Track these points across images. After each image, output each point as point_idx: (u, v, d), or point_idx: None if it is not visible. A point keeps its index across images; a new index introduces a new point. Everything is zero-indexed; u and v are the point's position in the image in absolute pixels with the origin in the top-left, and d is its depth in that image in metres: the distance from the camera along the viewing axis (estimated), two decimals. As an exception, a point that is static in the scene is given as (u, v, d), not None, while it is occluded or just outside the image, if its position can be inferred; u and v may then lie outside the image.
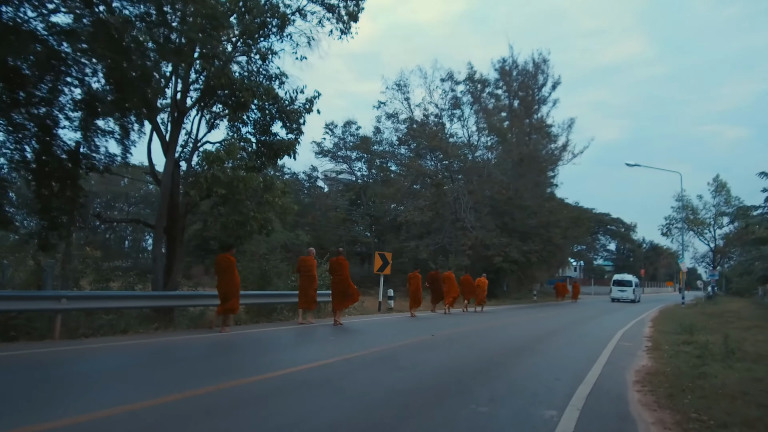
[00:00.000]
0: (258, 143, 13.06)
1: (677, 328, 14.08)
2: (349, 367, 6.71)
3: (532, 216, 29.29)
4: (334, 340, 9.76)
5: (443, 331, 11.86)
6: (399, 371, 6.48)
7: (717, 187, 44.49)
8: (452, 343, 9.59)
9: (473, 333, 11.75)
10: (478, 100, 27.88)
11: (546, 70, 39.96)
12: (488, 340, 10.33)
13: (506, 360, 7.73)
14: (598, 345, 10.35)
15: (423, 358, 7.57)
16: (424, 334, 10.56)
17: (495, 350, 8.79)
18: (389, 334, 11.07)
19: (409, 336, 10.33)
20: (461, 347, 8.96)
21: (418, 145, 28.81)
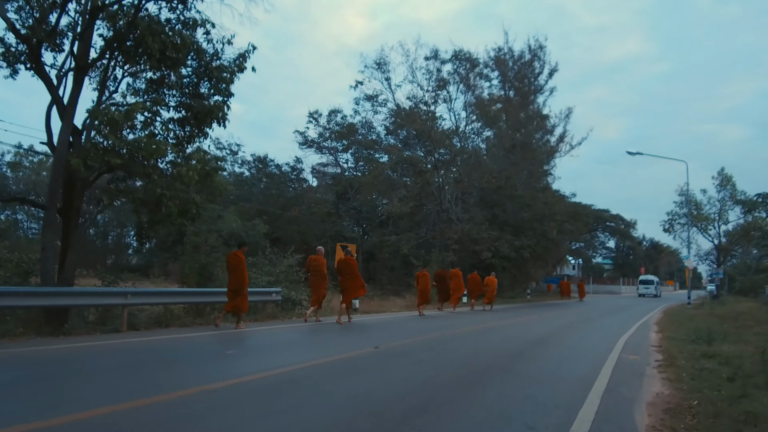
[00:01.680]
0: (178, 107, 10.63)
1: (690, 335, 11.74)
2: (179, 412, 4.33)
3: (526, 208, 26.89)
4: (233, 354, 7.37)
5: (406, 338, 9.48)
6: (273, 417, 4.09)
7: (722, 181, 42.11)
8: (397, 358, 7.20)
9: (438, 342, 9.38)
10: (466, 80, 25.34)
11: (542, 57, 37.83)
12: (450, 354, 7.94)
13: (457, 392, 5.32)
14: (596, 359, 7.99)
15: (329, 390, 5.18)
16: (371, 345, 8.16)
17: (450, 372, 6.39)
18: (328, 345, 8.70)
19: (347, 348, 7.94)
20: (405, 367, 6.57)
21: (407, 134, 26.40)
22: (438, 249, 23.75)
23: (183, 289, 12.06)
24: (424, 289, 16.97)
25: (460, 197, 24.88)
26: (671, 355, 8.68)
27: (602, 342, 10.55)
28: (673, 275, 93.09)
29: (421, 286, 17.06)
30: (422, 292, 16.94)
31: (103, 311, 10.11)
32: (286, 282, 15.53)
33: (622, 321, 17.44)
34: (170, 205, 10.00)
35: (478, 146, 26.62)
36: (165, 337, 8.54)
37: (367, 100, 25.19)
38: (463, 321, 14.67)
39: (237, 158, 46.05)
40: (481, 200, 26.52)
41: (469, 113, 25.60)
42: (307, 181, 46.75)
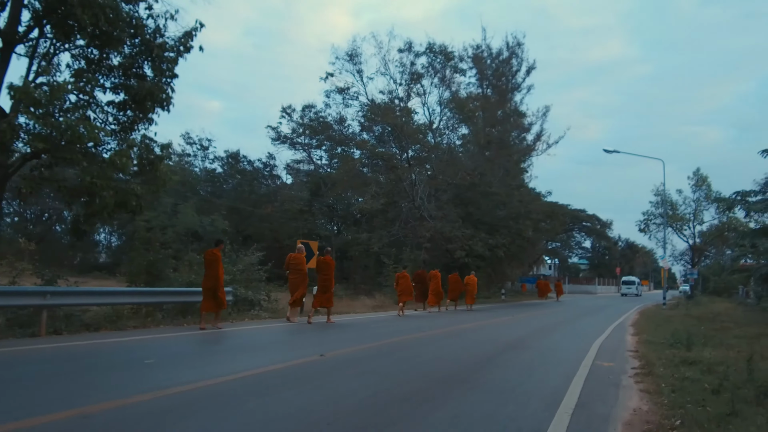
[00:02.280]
0: (116, 88, 9.62)
1: (668, 338, 11.12)
2: None
3: (501, 207, 26.25)
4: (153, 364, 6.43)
5: (365, 343, 8.65)
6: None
7: (698, 181, 42.14)
8: (345, 368, 6.35)
9: (399, 347, 8.57)
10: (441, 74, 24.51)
11: (520, 54, 37.32)
12: (409, 362, 7.11)
13: (404, 412, 4.49)
14: (568, 367, 7.26)
15: (240, 414, 4.30)
16: (321, 351, 7.29)
17: (403, 385, 5.56)
18: (271, 351, 7.82)
19: (290, 356, 7.07)
20: (350, 379, 5.73)
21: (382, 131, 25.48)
22: (410, 248, 22.96)
23: (113, 289, 10.99)
24: (404, 290, 16.83)
25: (434, 194, 24.10)
26: (649, 362, 8.00)
27: (576, 346, 9.85)
28: (648, 275, 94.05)
29: (401, 287, 16.90)
30: (402, 293, 16.77)
31: (32, 313, 9.06)
32: (245, 281, 14.61)
33: (598, 322, 16.87)
34: (105, 195, 8.98)
35: (453, 143, 25.90)
36: (85, 342, 7.55)
37: (338, 92, 24.30)
38: (436, 322, 13.89)
39: (208, 153, 44.78)
40: (455, 197, 25.79)
41: (444, 108, 24.89)
42: (280, 178, 45.64)
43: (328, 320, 12.33)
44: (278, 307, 14.69)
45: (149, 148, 10.24)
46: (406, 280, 17.19)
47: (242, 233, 38.40)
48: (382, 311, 17.56)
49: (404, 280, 17.13)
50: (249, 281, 14.83)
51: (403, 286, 16.96)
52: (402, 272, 17.63)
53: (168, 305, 11.84)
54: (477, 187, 24.48)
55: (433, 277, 18.92)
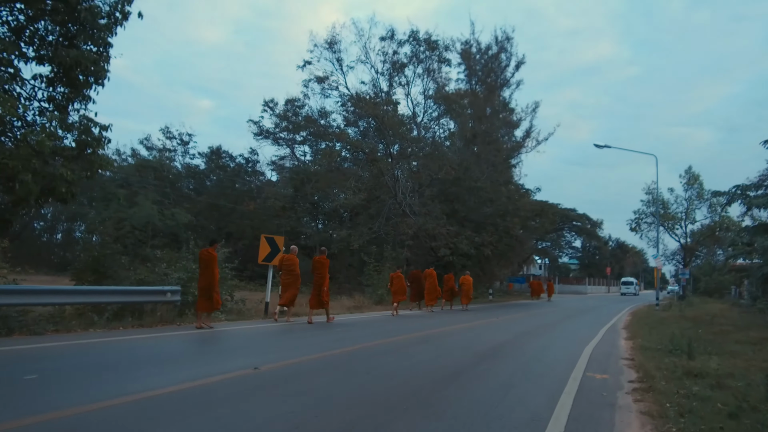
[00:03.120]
0: (41, 59, 8.39)
1: (665, 343, 10.08)
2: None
3: (488, 203, 25.14)
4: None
5: (317, 352, 7.48)
6: None
7: (689, 180, 41.37)
8: (277, 386, 5.20)
9: (359, 356, 7.44)
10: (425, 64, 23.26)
11: (509, 49, 36.34)
12: (361, 376, 5.95)
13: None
14: (555, 380, 6.17)
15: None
16: (255, 363, 6.12)
17: (341, 411, 4.41)
18: (199, 363, 6.63)
19: (218, 369, 5.90)
20: (277, 402, 4.57)
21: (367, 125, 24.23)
22: (391, 245, 21.78)
23: (33, 287, 9.71)
24: (398, 289, 16.86)
25: (417, 190, 22.93)
26: (648, 373, 6.91)
27: (564, 353, 8.76)
28: (638, 275, 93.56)
29: (395, 287, 16.92)
30: (396, 293, 16.78)
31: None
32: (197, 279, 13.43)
33: (588, 324, 15.82)
34: (25, 179, 7.76)
35: (438, 136, 24.65)
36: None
37: (317, 82, 23.03)
38: (416, 325, 12.76)
39: (189, 149, 43.42)
40: (440, 193, 24.66)
41: (428, 100, 23.68)
42: (264, 175, 44.34)
43: (328, 319, 12.36)
44: (243, 308, 13.52)
45: (88, 129, 9.00)
46: (400, 280, 17.13)
47: (224, 230, 37.19)
48: (358, 312, 16.42)
49: (398, 279, 17.07)
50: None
51: (397, 286, 16.92)
52: (396, 272, 17.50)
53: (115, 306, 10.61)
54: (462, 182, 23.32)
55: (428, 276, 18.89)
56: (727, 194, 16.19)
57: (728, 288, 41.99)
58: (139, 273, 11.89)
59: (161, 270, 12.37)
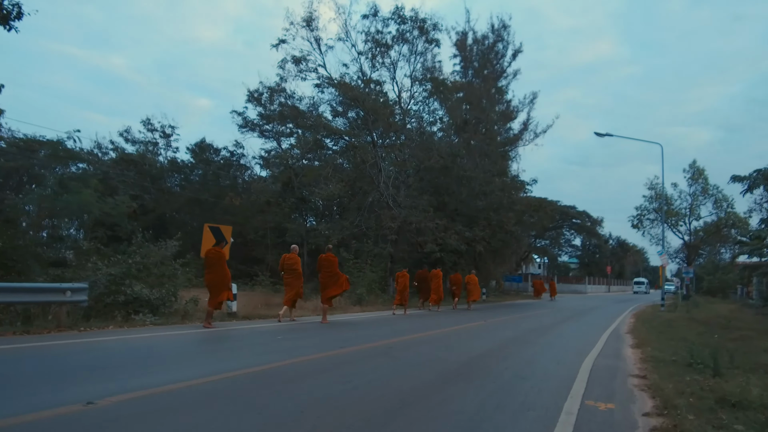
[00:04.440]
0: None
1: (682, 353, 8.31)
2: None
3: (482, 197, 23.29)
4: None
5: (233, 370, 5.70)
6: None
7: (694, 174, 39.59)
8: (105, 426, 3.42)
9: (269, 378, 5.67)
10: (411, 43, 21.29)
11: (506, 37, 34.55)
12: (238, 418, 4.16)
13: None
14: (539, 417, 4.38)
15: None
16: (87, 398, 4.33)
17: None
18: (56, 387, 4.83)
19: (47, 401, 4.10)
20: None
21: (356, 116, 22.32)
22: (373, 240, 19.92)
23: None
24: (403, 289, 16.73)
25: (403, 180, 21.08)
26: (668, 401, 5.12)
27: (558, 367, 6.98)
28: (639, 274, 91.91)
29: (400, 287, 16.80)
30: (401, 292, 16.71)
31: None
32: (148, 277, 11.70)
33: (588, 328, 14.05)
34: None
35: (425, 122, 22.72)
36: None
37: (293, 63, 21.12)
38: (387, 331, 11.01)
39: (171, 141, 41.50)
40: (427, 184, 22.84)
41: (414, 82, 21.78)
42: (250, 169, 42.40)
43: (324, 321, 12.02)
44: (192, 310, 11.71)
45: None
46: (405, 279, 16.89)
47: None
48: (330, 314, 14.59)
49: (403, 279, 16.86)
50: (155, 277, 11.94)
51: (402, 285, 16.75)
52: (402, 271, 17.29)
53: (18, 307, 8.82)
54: (450, 171, 21.45)
55: (434, 276, 18.81)
56: (748, 179, 14.43)
57: (733, 287, 40.24)
58: (69, 270, 10.16)
59: (89, 265, 10.68)
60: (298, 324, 11.38)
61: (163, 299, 11.31)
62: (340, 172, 24.12)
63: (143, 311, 10.26)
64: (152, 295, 11.01)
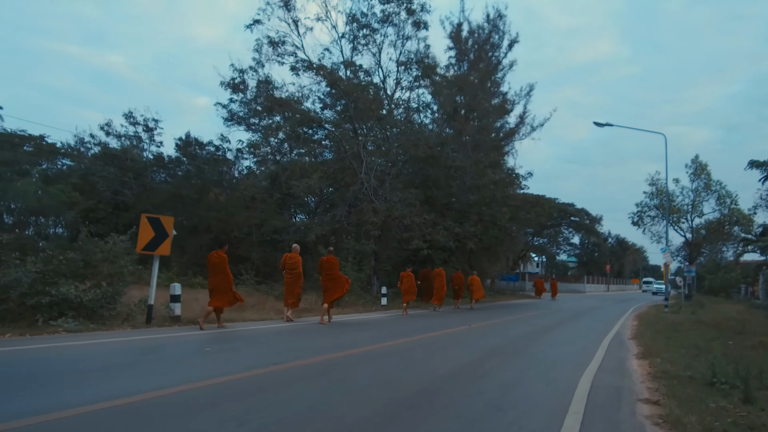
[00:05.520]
0: None
1: (700, 368, 6.91)
2: None
3: (474, 190, 21.79)
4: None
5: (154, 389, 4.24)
6: None
7: (696, 170, 38.11)
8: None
9: (189, 400, 4.22)
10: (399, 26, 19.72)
11: (502, 27, 33.18)
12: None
13: None
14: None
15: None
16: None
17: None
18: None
19: None
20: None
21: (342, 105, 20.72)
22: (354, 236, 18.41)
23: None
24: (408, 289, 16.49)
25: (388, 172, 19.56)
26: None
27: (549, 390, 5.53)
28: (638, 274, 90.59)
29: (405, 286, 16.53)
30: (406, 293, 16.44)
31: None
32: (96, 276, 10.30)
33: (587, 333, 12.62)
34: None
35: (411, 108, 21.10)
36: None
37: (270, 45, 19.56)
38: (351, 339, 9.57)
39: (154, 135, 39.90)
40: (414, 176, 21.34)
41: (399, 66, 20.18)
42: (236, 164, 40.80)
43: (321, 321, 11.93)
44: (133, 312, 10.24)
45: None
46: (410, 279, 16.68)
47: (189, 222, 33.87)
48: (306, 316, 13.15)
49: (408, 279, 16.61)
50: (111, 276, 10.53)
51: (407, 285, 16.48)
52: (407, 271, 16.97)
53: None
54: (438, 161, 19.92)
55: (437, 276, 18.50)
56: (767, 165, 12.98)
57: (736, 287, 38.91)
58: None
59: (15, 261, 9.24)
60: (245, 331, 9.93)
61: (100, 301, 9.83)
62: (325, 165, 22.66)
63: (67, 315, 8.80)
64: (85, 296, 9.54)
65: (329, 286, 12.15)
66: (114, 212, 35.23)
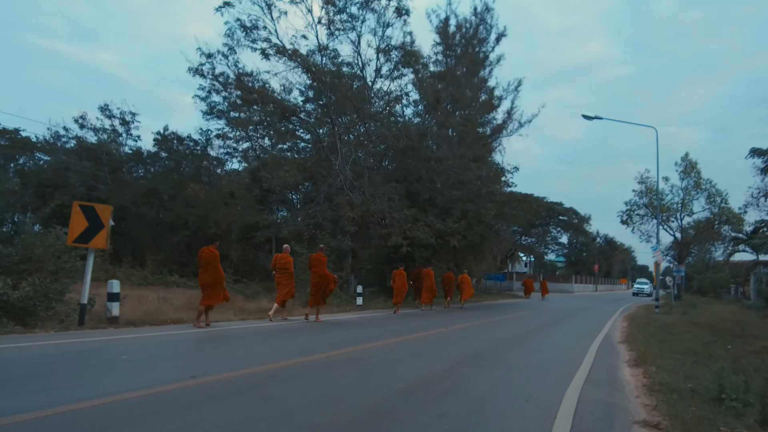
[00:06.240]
0: None
1: (703, 378, 6.01)
2: None
3: (459, 186, 20.81)
4: None
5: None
6: None
7: (686, 168, 37.49)
8: None
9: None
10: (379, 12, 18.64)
11: (490, 20, 32.34)
12: None
13: None
14: None
15: None
16: None
17: None
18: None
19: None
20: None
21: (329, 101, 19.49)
22: (330, 232, 17.33)
23: None
24: (400, 288, 16.40)
25: (367, 165, 18.49)
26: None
27: (527, 409, 4.56)
28: (626, 273, 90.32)
29: (397, 285, 16.42)
30: (398, 291, 16.36)
31: None
32: (39, 273, 9.25)
33: (575, 335, 11.71)
34: None
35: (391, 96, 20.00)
36: None
37: (242, 29, 18.41)
38: (316, 342, 8.57)
39: (131, 129, 38.52)
40: (394, 169, 20.33)
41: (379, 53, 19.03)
42: (217, 159, 39.54)
43: (316, 319, 12.11)
44: (71, 312, 9.15)
45: None
46: (402, 277, 16.52)
47: (166, 218, 32.69)
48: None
49: (401, 277, 16.46)
50: (55, 273, 9.47)
51: (399, 284, 16.34)
52: (399, 269, 16.79)
53: None
54: (418, 152, 18.89)
55: (426, 275, 18.31)
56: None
57: (725, 286, 38.39)
58: None
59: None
60: (192, 334, 8.87)
61: (32, 300, 8.74)
62: (305, 160, 21.62)
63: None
64: (13, 294, 8.47)
65: (317, 283, 12.12)
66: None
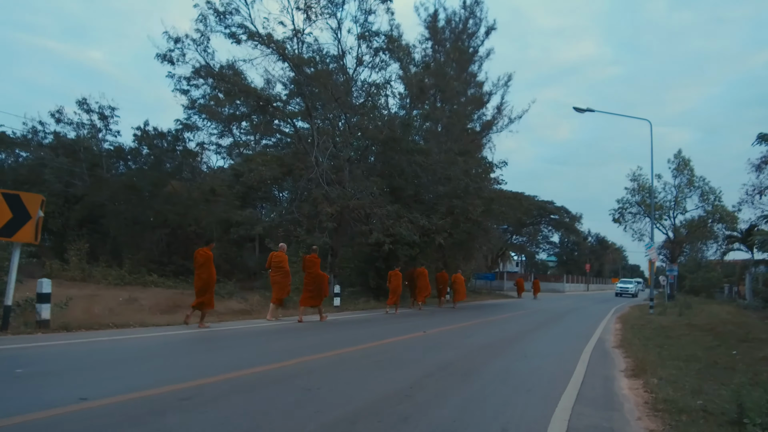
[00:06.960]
0: None
1: (714, 393, 5.08)
2: None
3: (444, 181, 19.90)
4: None
5: None
6: None
7: (679, 165, 36.71)
8: None
9: None
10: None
11: (479, 14, 31.59)
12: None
13: None
14: None
15: None
16: None
17: None
18: None
19: None
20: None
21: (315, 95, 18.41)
22: (307, 229, 16.28)
23: None
24: (395, 288, 16.22)
25: (347, 158, 17.45)
26: None
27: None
28: (618, 273, 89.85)
29: (393, 285, 16.23)
30: (393, 291, 16.19)
31: None
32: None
33: (565, 340, 10.80)
34: None
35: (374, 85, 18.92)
36: None
37: (214, 13, 17.32)
38: (272, 350, 7.58)
39: (110, 124, 37.27)
40: (376, 162, 19.37)
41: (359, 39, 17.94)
42: (199, 155, 38.35)
43: (321, 318, 12.30)
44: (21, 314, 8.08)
45: None
46: (398, 278, 16.32)
47: (144, 216, 31.55)
48: (243, 319, 11.10)
49: (396, 278, 16.23)
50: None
51: (395, 285, 16.13)
52: (395, 270, 16.48)
53: None
54: (400, 144, 17.87)
55: (420, 275, 18.35)
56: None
57: (718, 286, 37.76)
58: None
59: None
60: (133, 339, 7.85)
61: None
62: (285, 156, 20.64)
63: None
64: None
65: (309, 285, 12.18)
66: (65, 205, 32.80)
